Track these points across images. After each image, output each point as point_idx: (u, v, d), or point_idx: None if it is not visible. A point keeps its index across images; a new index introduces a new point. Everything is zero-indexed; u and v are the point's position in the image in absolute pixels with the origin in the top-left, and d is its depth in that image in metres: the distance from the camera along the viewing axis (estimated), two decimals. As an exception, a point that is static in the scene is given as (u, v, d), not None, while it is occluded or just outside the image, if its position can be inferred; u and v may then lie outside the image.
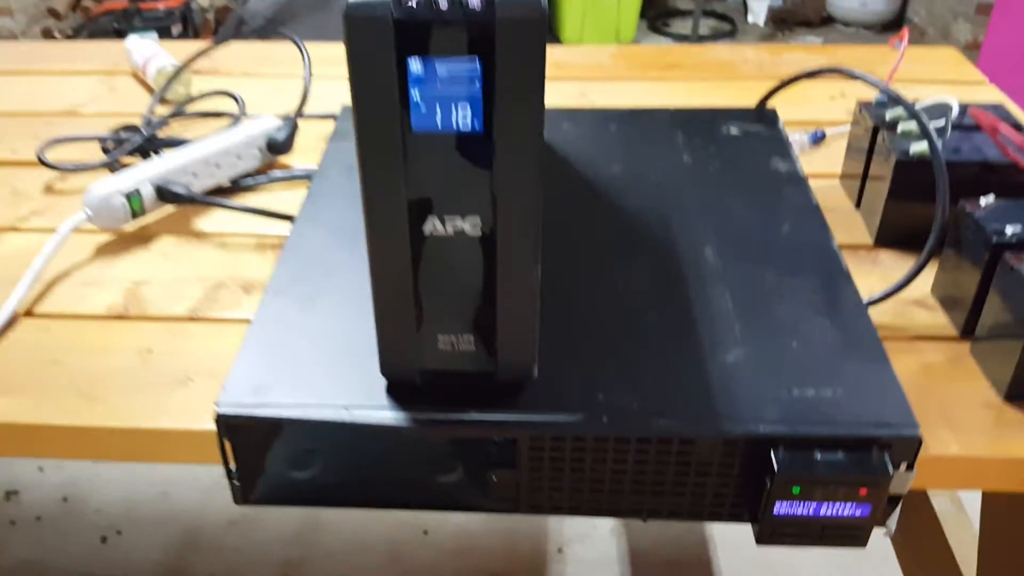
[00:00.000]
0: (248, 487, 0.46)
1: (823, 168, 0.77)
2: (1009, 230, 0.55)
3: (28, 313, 0.61)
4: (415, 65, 0.34)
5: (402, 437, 0.43)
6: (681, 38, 3.27)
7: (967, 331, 0.57)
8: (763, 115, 0.69)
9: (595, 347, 0.47)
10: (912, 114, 0.62)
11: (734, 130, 0.67)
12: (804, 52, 1.03)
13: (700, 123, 0.68)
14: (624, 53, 1.04)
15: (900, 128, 0.66)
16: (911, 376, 0.55)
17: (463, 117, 0.35)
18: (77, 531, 1.35)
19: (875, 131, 0.68)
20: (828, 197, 0.73)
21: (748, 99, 0.88)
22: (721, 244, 0.54)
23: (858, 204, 0.71)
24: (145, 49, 0.94)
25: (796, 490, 0.41)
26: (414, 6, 0.33)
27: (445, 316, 0.41)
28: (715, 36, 3.32)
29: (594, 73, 0.98)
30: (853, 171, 0.72)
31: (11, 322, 0.60)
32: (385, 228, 0.38)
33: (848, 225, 0.70)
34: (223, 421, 0.43)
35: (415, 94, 0.35)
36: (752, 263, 0.53)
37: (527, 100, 0.35)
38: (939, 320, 0.60)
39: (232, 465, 0.44)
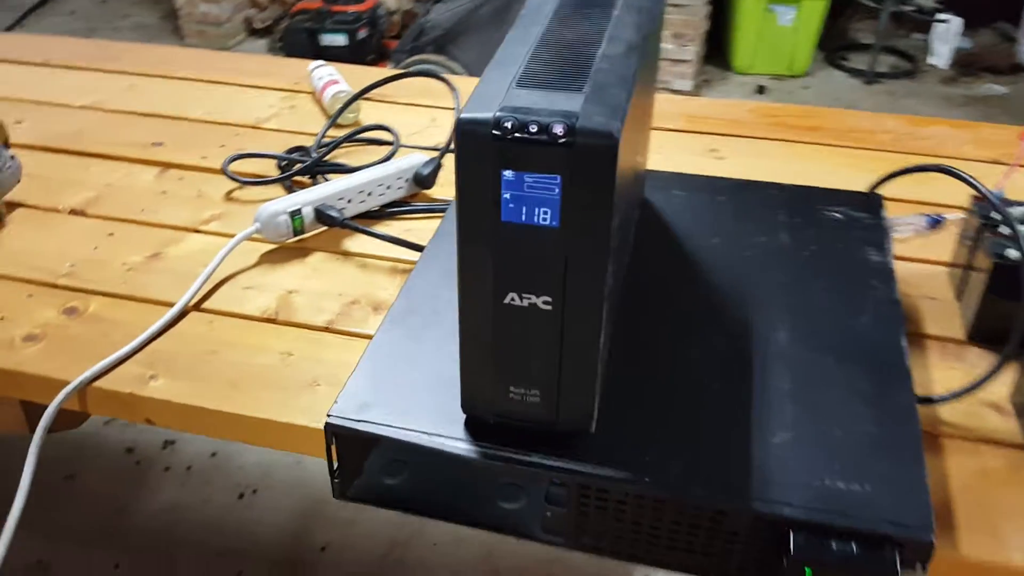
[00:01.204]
0: (345, 485, 0.55)
1: (935, 255, 0.79)
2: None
3: (197, 307, 0.73)
4: (508, 174, 0.41)
5: (469, 466, 0.50)
6: (857, 74, 3.19)
7: (1034, 441, 0.59)
8: (870, 200, 0.72)
9: (655, 409, 0.53)
10: (1006, 221, 0.64)
11: (837, 214, 0.71)
12: (949, 127, 1.04)
13: (806, 202, 0.72)
14: (763, 110, 1.07)
15: (1003, 228, 0.68)
16: (965, 478, 0.58)
17: (542, 216, 0.42)
18: (220, 484, 1.51)
19: (981, 227, 0.70)
20: (932, 285, 0.75)
21: (875, 172, 0.90)
22: (794, 328, 0.59)
23: (959, 296, 0.73)
24: (324, 74, 1.06)
25: (808, 572, 0.46)
26: (509, 127, 0.41)
27: (516, 372, 0.48)
28: (894, 75, 3.22)
29: (729, 128, 1.03)
30: (960, 262, 0.74)
31: (183, 314, 0.72)
32: (473, 295, 0.46)
33: (945, 316, 0.72)
34: (330, 429, 0.52)
35: (506, 195, 0.42)
36: (818, 350, 0.57)
37: (597, 208, 0.42)
38: (1010, 426, 0.62)
39: (335, 465, 0.53)
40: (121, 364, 0.66)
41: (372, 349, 0.58)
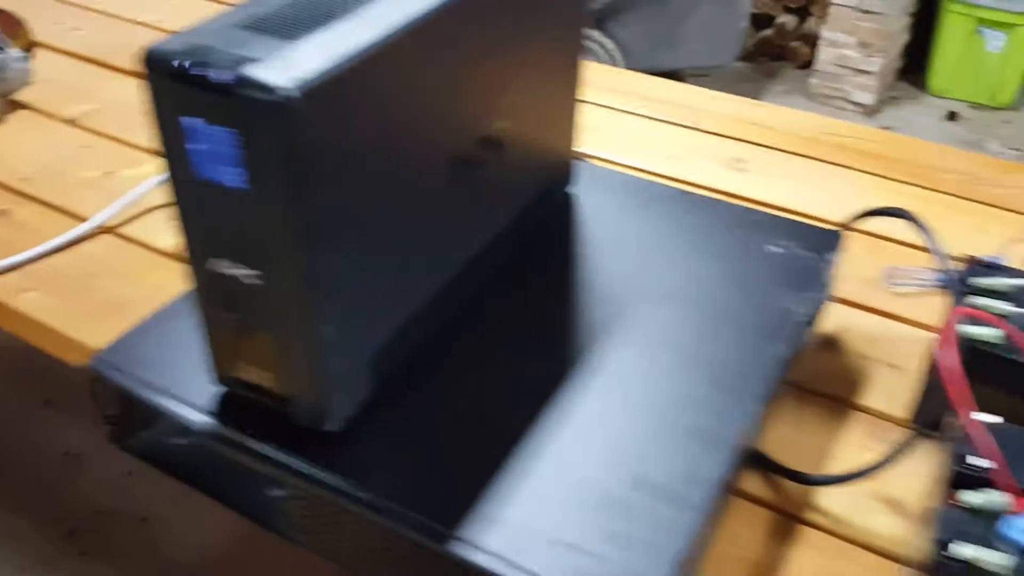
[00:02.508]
0: (123, 434, 0.52)
1: (928, 318, 0.66)
2: (977, 460, 0.45)
3: (113, 231, 0.72)
4: (186, 121, 0.37)
5: (201, 440, 0.46)
6: (1072, 114, 2.81)
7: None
8: (826, 238, 0.61)
9: (424, 424, 0.47)
10: (962, 287, 0.51)
11: (779, 248, 0.60)
12: (1007, 172, 0.87)
13: (754, 229, 0.62)
14: (829, 127, 0.94)
15: (978, 301, 0.55)
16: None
17: (230, 175, 0.37)
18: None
19: (956, 294, 0.57)
20: (903, 353, 0.63)
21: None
22: (637, 370, 0.50)
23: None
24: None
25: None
26: (186, 67, 0.36)
27: (241, 348, 0.43)
28: (1119, 121, 2.81)
29: (768, 139, 0.91)
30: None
31: (94, 234, 0.72)
32: (191, 255, 0.42)
33: (898, 391, 0.60)
34: (93, 372, 0.50)
35: (190, 145, 0.37)
36: (651, 400, 0.48)
37: (284, 174, 0.36)
38: (894, 529, 0.50)
39: (104, 411, 0.51)
40: (10, 271, 0.67)
41: (176, 301, 0.55)
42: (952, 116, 2.79)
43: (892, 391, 0.60)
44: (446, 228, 0.49)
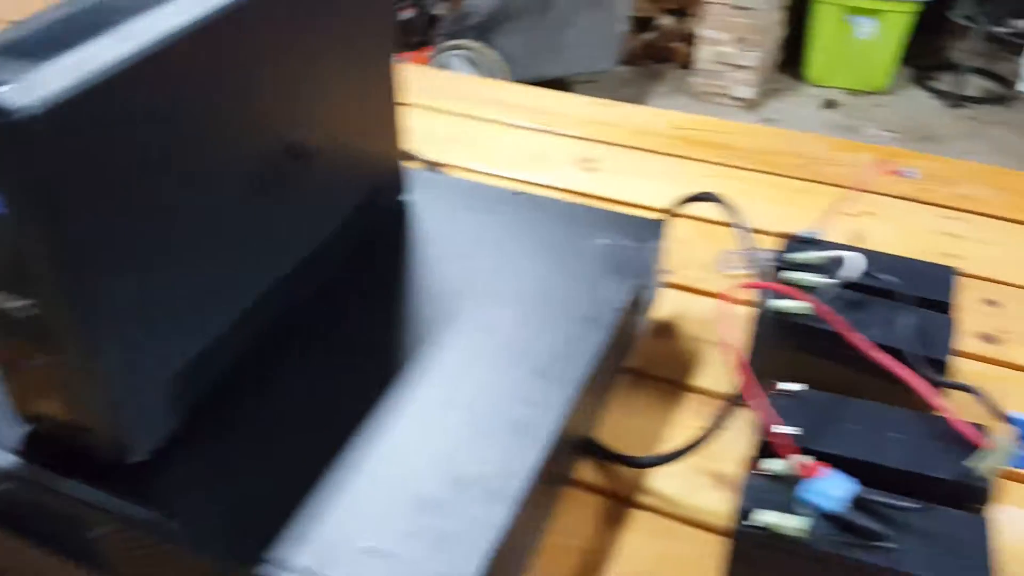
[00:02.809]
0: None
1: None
2: (783, 429, 0.46)
3: None
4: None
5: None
6: (942, 95, 2.95)
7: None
8: (650, 227, 0.62)
9: (240, 447, 0.46)
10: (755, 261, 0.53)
11: (606, 240, 0.61)
12: (880, 154, 0.91)
13: (589, 224, 0.63)
14: (678, 121, 0.97)
15: (785, 274, 0.57)
16: (639, 563, 0.48)
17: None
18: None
19: (773, 269, 0.59)
20: (737, 333, 0.65)
21: (765, 199, 0.79)
22: (472, 360, 0.51)
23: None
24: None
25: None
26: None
27: (33, 384, 0.42)
28: (983, 100, 2.96)
29: (618, 137, 0.93)
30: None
31: None
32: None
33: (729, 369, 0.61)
34: None
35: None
36: (478, 389, 0.49)
37: (34, 194, 0.35)
38: (720, 504, 0.52)
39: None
40: None
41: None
42: (830, 104, 2.90)
43: (724, 370, 0.62)
44: (250, 244, 0.48)
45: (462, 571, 0.40)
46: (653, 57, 3.16)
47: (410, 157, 0.85)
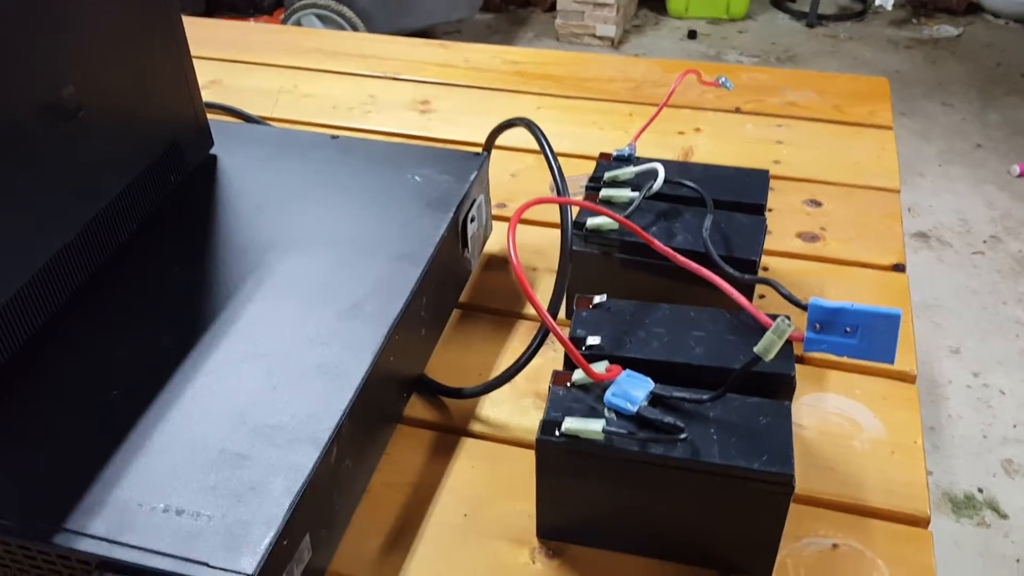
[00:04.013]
0: None
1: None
2: (590, 340, 0.46)
3: None
4: None
5: None
6: (800, 16, 3.03)
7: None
8: (469, 160, 0.61)
9: (37, 419, 0.44)
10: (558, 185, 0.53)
11: (419, 177, 0.60)
12: (705, 70, 0.92)
13: (404, 163, 0.61)
14: (506, 56, 0.96)
15: (603, 192, 0.57)
16: (466, 487, 0.48)
17: None
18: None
19: (587, 190, 0.59)
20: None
21: (592, 126, 0.79)
22: (279, 309, 0.49)
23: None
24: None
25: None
26: None
27: None
28: (840, 17, 3.05)
29: (452, 76, 0.91)
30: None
31: None
32: None
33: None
34: None
35: None
36: (285, 338, 0.47)
37: None
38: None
39: None
40: None
41: None
42: (692, 35, 2.94)
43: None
44: (24, 208, 0.46)
45: (265, 517, 0.39)
46: (516, 2, 3.14)
47: (230, 111, 0.82)
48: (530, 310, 0.61)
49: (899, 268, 0.64)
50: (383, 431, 0.51)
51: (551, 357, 0.57)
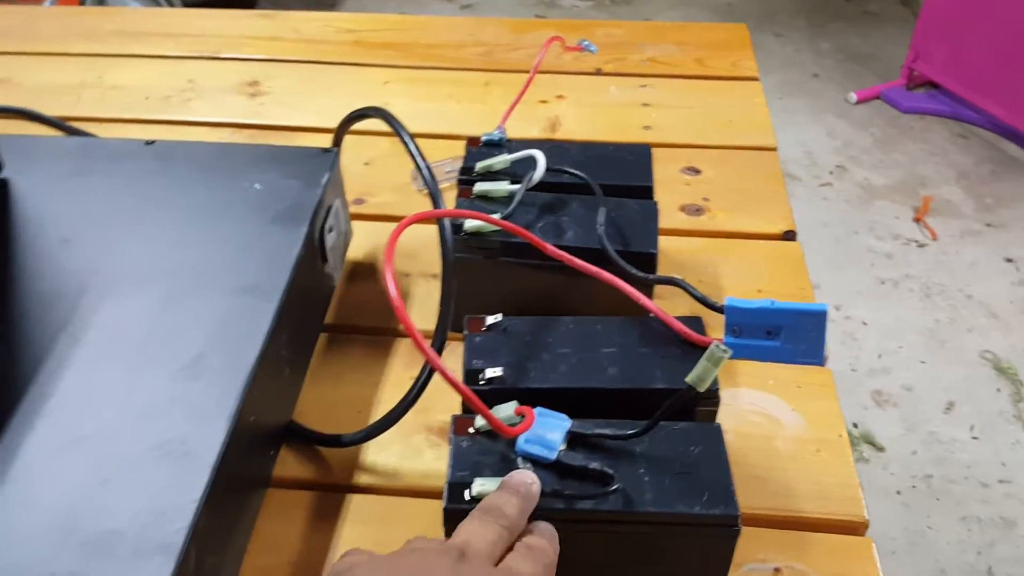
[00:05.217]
0: None
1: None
2: (488, 372, 0.40)
3: None
4: None
5: None
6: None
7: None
8: (319, 159, 0.53)
9: None
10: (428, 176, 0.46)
11: (259, 185, 0.51)
12: (562, 29, 0.85)
13: (241, 167, 0.52)
14: (342, 23, 0.86)
15: (477, 187, 0.50)
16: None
17: None
18: None
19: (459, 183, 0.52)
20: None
21: (448, 99, 0.71)
22: (105, 373, 0.40)
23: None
24: None
25: None
26: None
27: None
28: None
29: (281, 51, 0.81)
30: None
31: None
32: None
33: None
34: None
35: None
36: (115, 413, 0.38)
37: None
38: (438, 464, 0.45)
39: None
40: None
41: None
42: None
43: (435, 304, 0.55)
44: None
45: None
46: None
47: (28, 116, 0.69)
48: (405, 324, 0.54)
49: (790, 236, 0.60)
50: (250, 504, 0.43)
51: (436, 378, 0.50)
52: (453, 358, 0.48)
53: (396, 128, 0.49)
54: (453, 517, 0.35)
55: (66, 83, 0.77)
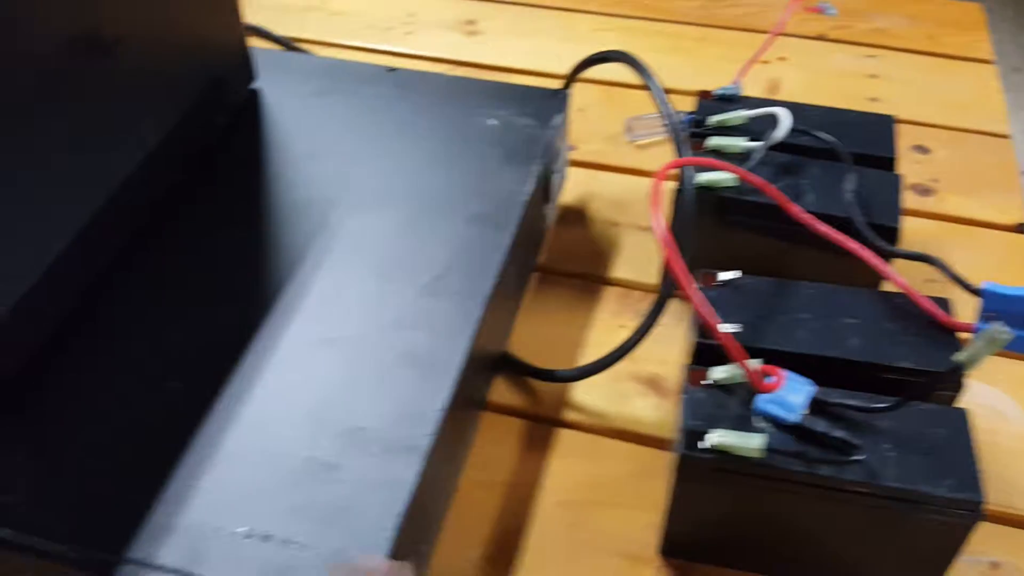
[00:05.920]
0: None
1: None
2: (724, 327, 0.40)
3: None
4: None
5: None
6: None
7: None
8: (549, 102, 0.53)
9: (78, 423, 0.37)
10: (675, 128, 0.45)
11: (495, 120, 0.52)
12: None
13: (475, 101, 0.54)
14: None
15: (710, 141, 0.50)
16: (562, 493, 0.42)
17: None
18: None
19: (686, 137, 0.52)
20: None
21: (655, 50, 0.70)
22: (352, 284, 0.42)
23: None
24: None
25: None
26: None
27: None
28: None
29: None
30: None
31: None
32: None
33: (653, 252, 0.54)
34: None
35: None
36: (362, 320, 0.41)
37: None
38: (656, 412, 0.46)
39: None
40: None
41: None
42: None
43: (645, 256, 0.55)
44: (53, 159, 0.38)
45: (366, 546, 0.33)
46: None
47: (260, 34, 0.73)
48: (614, 274, 0.54)
49: (1022, 229, 0.57)
50: (472, 422, 0.44)
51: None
52: (668, 315, 0.48)
53: (643, 74, 0.49)
54: (688, 464, 0.35)
55: (290, 5, 0.80)
